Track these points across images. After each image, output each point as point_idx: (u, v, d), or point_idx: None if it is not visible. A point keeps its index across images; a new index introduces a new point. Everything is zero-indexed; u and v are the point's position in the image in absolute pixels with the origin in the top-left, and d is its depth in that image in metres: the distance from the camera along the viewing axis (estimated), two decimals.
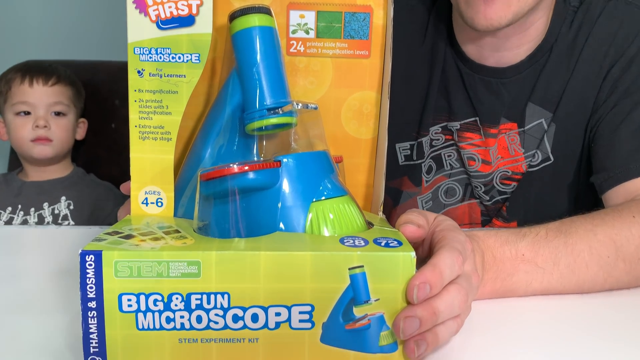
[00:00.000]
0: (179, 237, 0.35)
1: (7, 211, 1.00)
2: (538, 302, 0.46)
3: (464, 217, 0.75)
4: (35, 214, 0.99)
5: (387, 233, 0.37)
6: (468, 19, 0.61)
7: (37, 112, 0.99)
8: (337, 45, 0.45)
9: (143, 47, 0.40)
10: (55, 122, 1.00)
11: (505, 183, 0.71)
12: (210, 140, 0.42)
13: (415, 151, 0.75)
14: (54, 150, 1.01)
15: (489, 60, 0.68)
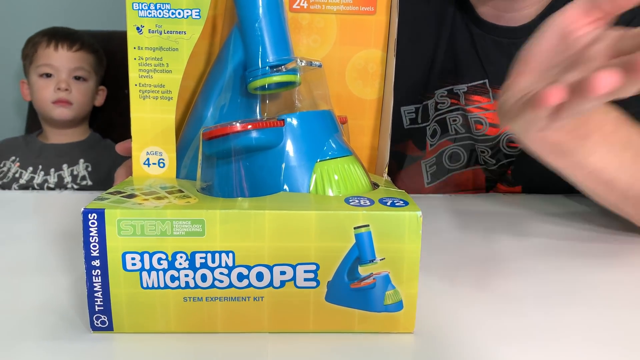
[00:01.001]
0: (183, 196, 0.35)
1: (29, 171, 1.04)
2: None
3: (468, 183, 0.75)
4: (55, 174, 1.03)
5: (393, 193, 0.36)
6: None
7: (60, 75, 1.04)
8: (341, 0, 0.44)
9: (142, 3, 0.39)
10: (76, 86, 1.05)
11: (511, 146, 0.70)
12: (212, 99, 0.41)
13: (421, 114, 0.74)
14: (73, 113, 1.05)
15: (501, 20, 0.66)
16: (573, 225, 0.57)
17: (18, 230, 0.53)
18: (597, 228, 0.56)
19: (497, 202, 0.66)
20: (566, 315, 0.37)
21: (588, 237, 0.53)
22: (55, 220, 0.55)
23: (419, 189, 0.76)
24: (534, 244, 0.51)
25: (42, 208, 0.60)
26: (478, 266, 0.46)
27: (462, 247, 0.50)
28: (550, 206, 0.63)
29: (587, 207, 0.63)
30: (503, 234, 0.54)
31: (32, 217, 0.57)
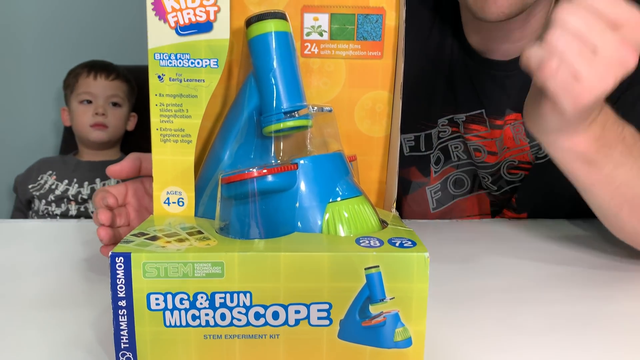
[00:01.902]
0: (203, 238, 0.37)
1: (64, 183, 1.14)
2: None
3: (474, 209, 0.77)
4: (89, 187, 1.13)
5: (402, 233, 0.38)
6: (478, 9, 0.61)
7: (98, 101, 1.17)
8: (350, 46, 0.46)
9: (163, 53, 0.41)
10: (112, 111, 1.17)
11: (512, 173, 0.72)
12: (229, 141, 0.43)
13: (424, 142, 0.76)
14: (108, 135, 1.17)
15: (495, 54, 0.69)
16: (580, 251, 0.58)
17: (40, 262, 0.55)
18: (602, 254, 0.57)
19: (502, 228, 0.67)
20: (577, 349, 0.38)
21: (595, 264, 0.55)
22: (76, 251, 0.57)
23: (425, 214, 0.78)
24: (539, 272, 0.53)
25: (63, 238, 0.63)
26: (485, 297, 0.47)
27: (469, 277, 0.52)
28: (554, 232, 0.65)
29: (590, 232, 0.64)
30: (509, 262, 0.56)
31: (54, 247, 0.59)
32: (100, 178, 1.16)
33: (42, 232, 0.65)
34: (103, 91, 1.17)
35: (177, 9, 0.41)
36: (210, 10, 0.41)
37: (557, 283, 0.50)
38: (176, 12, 0.41)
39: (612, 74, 0.39)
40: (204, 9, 0.41)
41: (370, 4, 0.45)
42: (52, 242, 0.62)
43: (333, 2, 0.45)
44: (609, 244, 0.59)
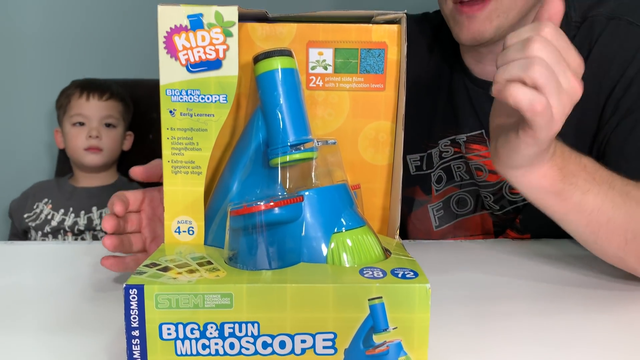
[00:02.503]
0: (212, 269, 0.39)
1: (60, 213, 1.10)
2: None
3: (477, 228, 0.78)
4: (85, 217, 1.09)
5: (404, 263, 0.40)
6: (455, 35, 0.65)
7: (91, 123, 1.11)
8: (353, 79, 0.48)
9: (174, 89, 0.43)
10: (106, 133, 1.13)
11: (514, 193, 0.73)
12: (237, 172, 0.45)
13: (425, 162, 0.78)
14: (104, 159, 1.13)
15: (492, 75, 0.70)
16: (583, 271, 0.59)
17: (52, 285, 0.56)
18: (599, 275, 0.58)
19: (506, 249, 0.68)
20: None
21: (602, 285, 0.55)
22: (87, 274, 0.59)
23: (428, 231, 0.79)
24: (543, 296, 0.53)
25: (74, 260, 0.64)
26: (489, 323, 0.48)
27: (473, 301, 0.53)
28: (557, 252, 0.66)
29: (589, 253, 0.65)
30: (513, 286, 0.56)
31: (65, 270, 0.61)
32: (97, 206, 1.12)
33: (54, 254, 0.67)
34: (96, 112, 1.12)
35: (188, 47, 0.43)
36: (219, 49, 0.43)
37: (560, 307, 0.51)
38: (187, 50, 0.43)
39: (570, 104, 0.43)
40: (214, 47, 0.43)
41: (372, 38, 0.47)
42: (63, 264, 0.63)
43: (337, 37, 0.47)
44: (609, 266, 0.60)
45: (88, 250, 0.67)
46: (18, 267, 0.62)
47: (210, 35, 0.42)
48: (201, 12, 0.42)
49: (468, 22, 0.62)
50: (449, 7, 0.64)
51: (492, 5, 0.61)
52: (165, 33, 0.43)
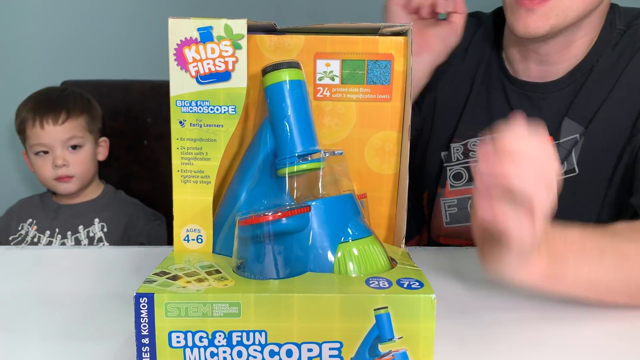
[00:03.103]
0: (221, 278, 0.39)
1: (46, 235, 1.05)
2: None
3: None
4: (72, 238, 1.04)
5: (410, 273, 0.40)
6: (510, 24, 0.65)
7: (55, 151, 1.01)
8: (360, 90, 0.48)
9: (184, 100, 0.44)
10: (73, 157, 1.02)
11: None
12: (245, 181, 0.46)
13: (446, 156, 0.78)
14: (77, 185, 1.04)
15: (532, 75, 0.71)
16: None
17: (58, 290, 0.56)
18: None
19: None
20: None
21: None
22: (93, 279, 0.59)
23: (439, 227, 0.79)
24: (546, 308, 0.54)
25: (80, 265, 0.65)
26: (495, 333, 0.48)
27: (480, 311, 0.53)
28: None
29: None
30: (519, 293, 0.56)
31: (71, 275, 0.61)
32: (84, 225, 1.04)
33: (60, 259, 0.67)
34: (57, 137, 1.00)
35: (198, 60, 0.43)
36: (229, 61, 0.43)
37: (566, 316, 0.51)
38: (197, 63, 0.43)
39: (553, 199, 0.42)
40: (223, 59, 0.43)
41: (379, 50, 0.48)
42: (70, 269, 0.64)
43: (344, 49, 0.48)
44: None
45: (94, 255, 0.68)
46: (25, 272, 0.63)
47: (219, 48, 0.43)
48: (211, 25, 0.43)
49: (526, 14, 0.62)
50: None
51: (552, 2, 0.61)
52: (176, 45, 0.43)
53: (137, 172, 1.17)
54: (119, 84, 1.19)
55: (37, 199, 1.11)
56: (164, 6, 1.24)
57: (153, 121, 1.17)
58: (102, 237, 1.04)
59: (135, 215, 1.06)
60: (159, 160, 1.16)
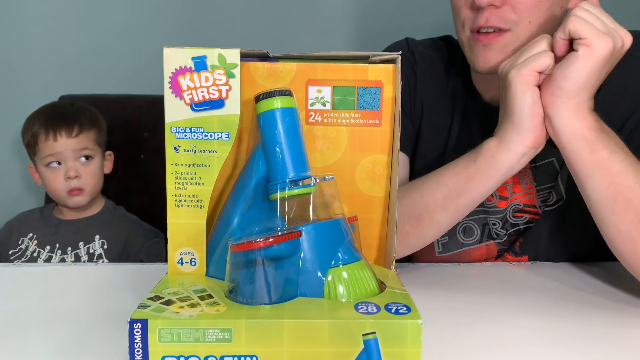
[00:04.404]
0: (213, 303, 0.40)
1: (46, 250, 1.05)
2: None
3: (481, 257, 0.79)
4: (72, 254, 1.04)
5: (398, 297, 0.41)
6: (471, 62, 0.67)
7: (67, 162, 1.03)
8: (351, 115, 0.50)
9: (179, 127, 0.45)
10: (85, 169, 1.04)
11: (517, 216, 0.74)
12: (238, 205, 0.47)
13: None
14: (88, 198, 1.06)
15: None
16: (586, 293, 0.61)
17: (52, 309, 0.57)
18: (602, 294, 0.59)
19: (507, 272, 0.69)
20: None
21: (605, 306, 0.57)
22: (88, 298, 0.60)
23: (430, 256, 0.80)
24: (543, 325, 0.54)
25: (75, 284, 0.65)
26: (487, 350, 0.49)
27: (473, 327, 0.54)
28: (557, 275, 0.67)
29: (593, 275, 0.66)
30: (512, 310, 0.57)
31: (66, 294, 0.62)
32: (84, 241, 1.04)
33: (58, 278, 0.68)
34: (69, 149, 1.02)
35: (192, 88, 0.45)
36: (222, 89, 0.45)
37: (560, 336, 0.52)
38: (191, 91, 0.45)
39: (613, 44, 0.53)
40: (217, 87, 0.45)
41: (369, 77, 0.49)
42: (66, 288, 0.64)
43: (335, 76, 0.49)
44: (612, 285, 0.61)
45: (91, 272, 0.68)
46: (22, 290, 0.64)
47: (213, 77, 0.44)
48: (205, 55, 0.44)
49: (484, 51, 0.64)
50: (466, 35, 0.66)
51: (507, 36, 0.63)
52: (171, 74, 0.45)
53: (134, 185, 1.18)
54: (116, 99, 1.20)
55: (38, 213, 1.11)
56: (161, 21, 1.25)
57: (150, 135, 1.18)
58: (101, 253, 1.04)
59: (134, 233, 1.07)
60: (156, 174, 1.16)
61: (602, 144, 0.55)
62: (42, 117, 1.05)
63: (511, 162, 0.58)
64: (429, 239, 0.66)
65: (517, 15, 0.62)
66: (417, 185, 0.64)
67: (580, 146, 0.55)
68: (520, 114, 0.56)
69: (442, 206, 0.62)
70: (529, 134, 0.57)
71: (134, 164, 1.18)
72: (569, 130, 0.55)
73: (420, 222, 0.63)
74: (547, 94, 0.56)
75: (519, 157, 0.58)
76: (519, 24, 0.63)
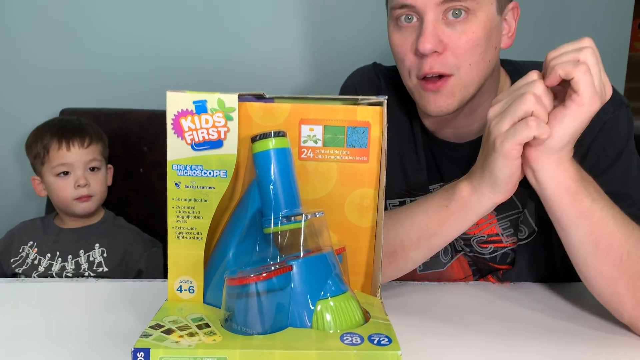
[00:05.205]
0: (210, 332, 0.44)
1: (47, 257, 1.08)
2: None
3: (459, 272, 0.82)
4: (73, 261, 1.07)
5: (381, 328, 0.44)
6: (422, 107, 0.71)
7: (76, 172, 1.08)
8: (340, 152, 0.53)
9: (180, 164, 0.49)
10: (93, 178, 1.09)
11: (482, 247, 0.78)
12: (234, 237, 0.50)
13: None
14: (95, 204, 1.10)
15: (448, 136, 0.77)
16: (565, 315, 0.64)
17: (53, 327, 0.59)
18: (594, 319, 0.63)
19: (487, 292, 0.72)
20: None
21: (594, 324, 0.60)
22: (89, 316, 0.63)
23: (412, 275, 0.84)
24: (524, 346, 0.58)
25: (75, 301, 0.68)
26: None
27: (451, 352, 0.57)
28: (539, 294, 0.70)
29: (576, 296, 0.70)
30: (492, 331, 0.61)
31: (66, 311, 0.65)
32: (84, 249, 1.08)
33: (58, 294, 0.70)
34: (80, 159, 1.07)
35: (193, 129, 0.48)
36: (221, 130, 0.48)
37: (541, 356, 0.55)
38: (192, 131, 0.48)
39: (601, 102, 0.54)
40: (216, 129, 0.48)
41: (358, 118, 0.52)
42: (68, 304, 0.67)
43: (326, 116, 0.52)
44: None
45: (91, 289, 0.71)
46: (23, 307, 0.66)
47: (213, 119, 0.48)
48: (205, 99, 0.48)
49: (434, 97, 0.68)
50: (414, 82, 0.69)
51: (452, 81, 0.67)
52: (173, 116, 0.48)
53: (133, 198, 1.21)
54: (117, 113, 1.23)
55: (39, 222, 1.15)
56: (162, 36, 1.28)
57: (149, 150, 1.21)
58: (101, 261, 1.07)
59: (134, 242, 1.10)
60: (154, 187, 1.20)
61: (584, 194, 0.56)
62: (52, 129, 1.10)
63: (483, 210, 0.60)
64: (404, 271, 0.68)
65: (457, 59, 0.66)
66: (391, 225, 0.65)
67: (563, 197, 0.56)
68: (496, 178, 0.57)
69: (416, 246, 0.64)
70: (501, 194, 0.58)
71: (133, 177, 1.21)
72: (553, 183, 0.56)
73: (396, 259, 0.66)
74: (531, 149, 0.56)
75: (491, 206, 0.60)
76: (460, 68, 0.66)
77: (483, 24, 0.66)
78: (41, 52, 1.30)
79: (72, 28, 1.29)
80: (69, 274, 1.07)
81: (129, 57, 1.29)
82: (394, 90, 0.81)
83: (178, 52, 1.28)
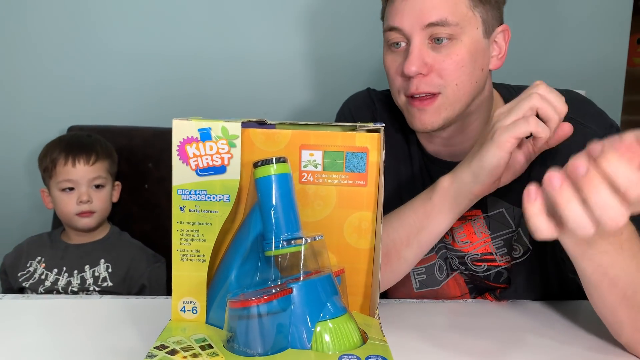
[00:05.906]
0: (212, 353, 0.45)
1: (54, 272, 1.10)
2: None
3: (456, 290, 0.84)
4: (78, 276, 1.10)
5: (378, 349, 0.46)
6: (409, 123, 0.74)
7: (80, 188, 1.11)
8: (340, 176, 0.55)
9: (184, 189, 0.50)
10: (96, 195, 1.12)
11: (476, 264, 0.79)
12: (236, 260, 0.52)
13: None
14: (96, 221, 1.13)
15: (443, 155, 0.79)
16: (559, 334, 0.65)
17: (56, 345, 0.60)
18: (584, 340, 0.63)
19: (486, 310, 0.73)
20: None
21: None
22: (92, 332, 0.63)
23: (409, 292, 0.85)
24: None
25: (79, 317, 0.69)
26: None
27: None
28: (536, 311, 0.71)
29: (571, 314, 0.71)
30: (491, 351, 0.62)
31: (70, 328, 0.65)
32: (90, 265, 1.10)
33: (62, 311, 0.71)
34: (85, 176, 1.10)
35: (198, 155, 0.50)
36: (224, 157, 0.50)
37: None
38: (197, 158, 0.50)
39: None
40: (220, 155, 0.50)
41: (356, 144, 0.54)
42: (72, 321, 0.68)
43: (326, 142, 0.54)
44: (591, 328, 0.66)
45: (95, 306, 0.72)
46: (29, 324, 0.67)
47: (217, 146, 0.50)
48: (210, 127, 0.50)
49: (420, 114, 0.71)
50: (402, 100, 0.73)
51: (439, 99, 0.70)
52: (179, 142, 0.50)
53: (138, 213, 1.23)
54: (123, 130, 1.25)
55: (46, 237, 1.17)
56: (167, 57, 1.31)
57: (154, 166, 1.23)
58: (106, 276, 1.09)
59: (137, 257, 1.12)
60: (158, 203, 1.22)
61: (590, 254, 0.54)
62: (63, 144, 1.13)
63: (462, 200, 0.62)
64: (399, 274, 0.71)
65: (443, 80, 0.69)
66: (384, 228, 0.67)
67: (582, 260, 0.55)
68: (482, 166, 0.59)
69: (407, 243, 0.66)
70: (480, 184, 0.60)
71: (139, 193, 1.23)
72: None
73: (389, 259, 0.68)
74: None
75: (469, 197, 0.62)
76: (446, 87, 0.69)
77: (467, 48, 0.69)
78: (52, 71, 1.33)
79: (81, 48, 1.32)
80: (75, 288, 1.08)
81: (135, 77, 1.32)
82: (389, 112, 0.83)
83: (182, 72, 1.30)
